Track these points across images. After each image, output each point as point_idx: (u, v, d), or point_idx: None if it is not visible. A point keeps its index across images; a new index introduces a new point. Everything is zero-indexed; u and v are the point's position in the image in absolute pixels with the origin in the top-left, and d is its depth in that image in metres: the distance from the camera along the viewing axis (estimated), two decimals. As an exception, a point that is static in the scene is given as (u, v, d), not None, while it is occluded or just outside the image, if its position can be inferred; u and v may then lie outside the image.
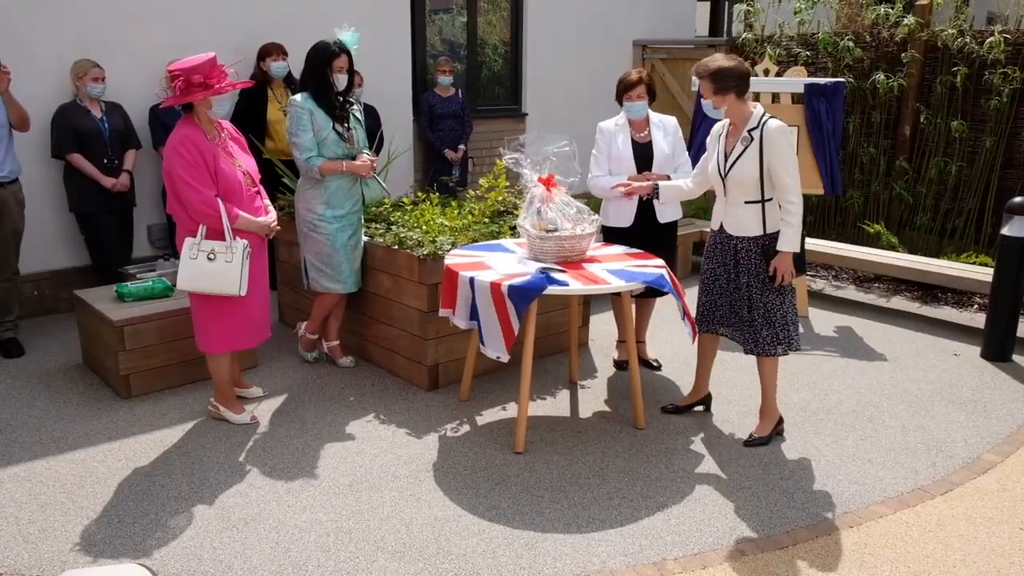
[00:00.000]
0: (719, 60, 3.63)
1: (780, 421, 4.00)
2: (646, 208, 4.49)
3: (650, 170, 4.44)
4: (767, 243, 3.70)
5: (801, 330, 5.59)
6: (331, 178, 4.34)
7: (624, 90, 4.45)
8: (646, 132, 4.50)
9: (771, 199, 3.66)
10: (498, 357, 3.70)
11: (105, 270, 5.40)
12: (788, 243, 3.63)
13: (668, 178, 4.38)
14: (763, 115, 3.63)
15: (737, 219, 3.74)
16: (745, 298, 3.78)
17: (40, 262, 5.59)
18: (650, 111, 4.54)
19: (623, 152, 4.45)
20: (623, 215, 4.50)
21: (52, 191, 5.52)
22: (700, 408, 4.26)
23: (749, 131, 3.63)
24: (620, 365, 4.86)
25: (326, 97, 4.29)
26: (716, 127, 3.85)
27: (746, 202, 3.69)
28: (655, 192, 4.07)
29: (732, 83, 3.58)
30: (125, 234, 5.65)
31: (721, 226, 3.83)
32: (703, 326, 4.01)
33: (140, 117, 5.67)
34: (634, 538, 3.15)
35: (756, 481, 3.58)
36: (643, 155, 4.45)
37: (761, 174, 3.62)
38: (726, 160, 3.72)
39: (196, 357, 4.43)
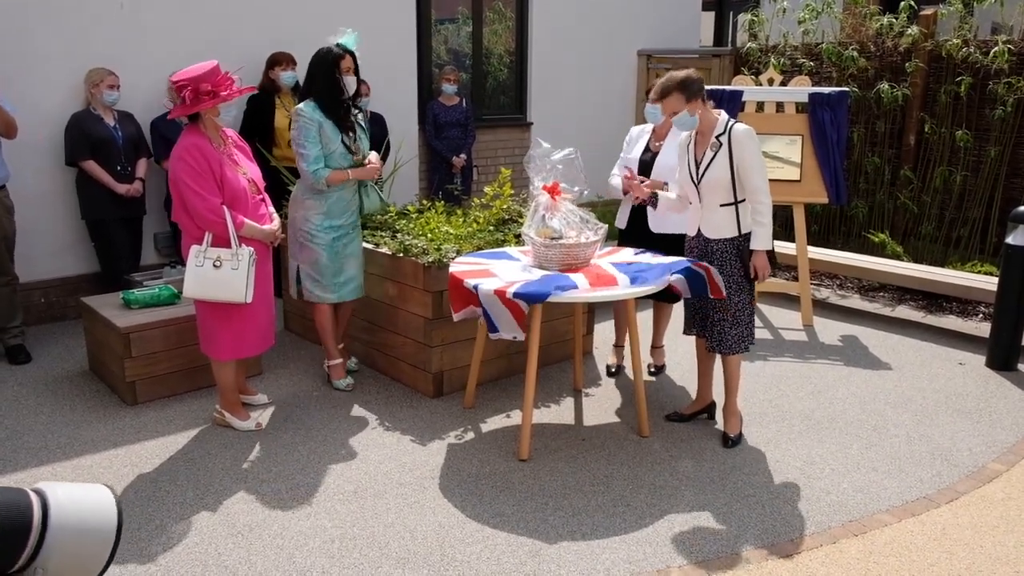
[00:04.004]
0: (677, 74, 3.75)
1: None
2: (638, 214, 4.54)
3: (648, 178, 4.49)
4: (743, 243, 3.82)
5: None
6: (334, 189, 4.30)
7: (646, 92, 4.55)
8: (663, 142, 4.53)
9: (744, 200, 3.79)
10: (514, 337, 3.72)
11: (115, 277, 5.43)
12: (761, 241, 3.77)
13: (665, 186, 4.40)
14: (728, 121, 3.78)
15: (713, 223, 3.85)
16: (717, 299, 3.87)
17: (49, 269, 5.62)
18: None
19: (633, 157, 4.57)
20: (621, 217, 4.65)
21: (63, 199, 5.56)
22: (704, 416, 4.26)
23: (717, 137, 3.76)
24: (616, 370, 4.88)
25: (335, 103, 4.22)
26: (682, 138, 3.98)
27: (721, 205, 3.81)
28: (652, 200, 4.13)
29: (696, 87, 3.71)
30: (134, 242, 5.69)
31: (699, 231, 3.93)
32: (687, 328, 4.13)
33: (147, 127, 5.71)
34: (638, 546, 3.15)
35: (760, 489, 3.58)
36: (647, 163, 4.50)
37: (732, 177, 3.74)
38: (698, 167, 3.83)
39: (202, 364, 4.45)
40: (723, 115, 3.80)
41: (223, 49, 5.90)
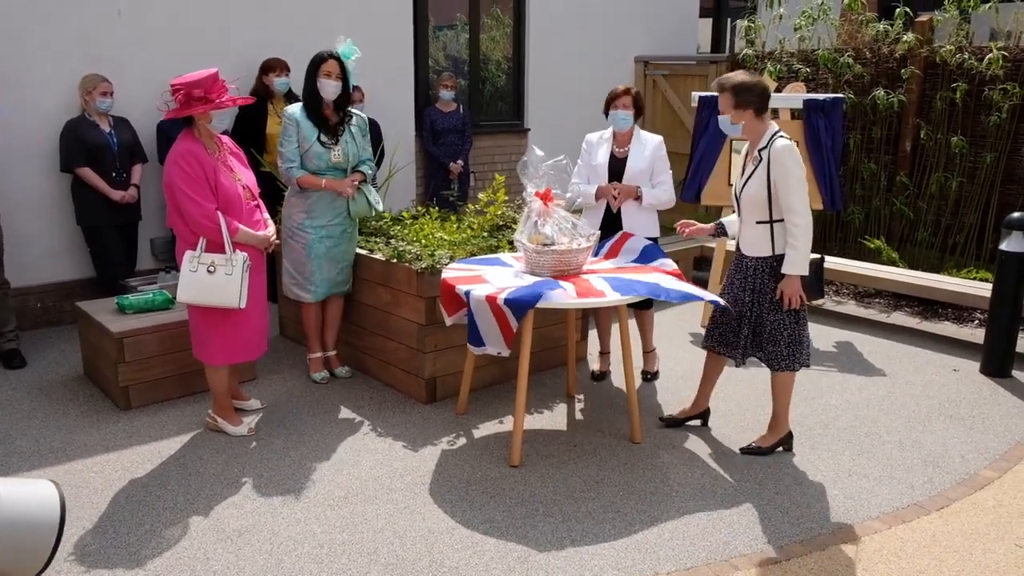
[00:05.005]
0: (741, 75, 3.66)
1: (789, 437, 3.99)
2: (613, 221, 4.57)
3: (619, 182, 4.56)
4: (776, 264, 3.70)
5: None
6: (313, 189, 4.39)
7: (611, 100, 4.53)
8: (627, 147, 4.57)
9: (781, 220, 3.66)
10: (499, 353, 3.73)
11: (110, 283, 5.44)
12: (793, 266, 3.61)
13: (638, 189, 4.51)
14: (774, 134, 3.64)
15: (749, 239, 3.77)
16: (754, 316, 3.80)
17: (44, 274, 5.64)
18: (639, 129, 4.61)
19: (598, 163, 4.59)
20: (590, 224, 4.54)
21: (58, 204, 5.57)
22: (697, 422, 4.26)
23: (759, 151, 3.67)
24: (599, 376, 4.89)
25: (313, 104, 4.34)
26: (745, 147, 3.87)
27: (757, 222, 3.72)
28: (720, 230, 4.06)
29: (752, 98, 3.60)
30: (130, 247, 5.70)
31: (738, 245, 3.87)
32: (706, 340, 4.04)
33: (149, 132, 5.71)
34: (627, 552, 3.15)
35: (752, 496, 3.58)
36: (616, 168, 4.57)
37: (769, 194, 3.63)
38: (741, 179, 3.76)
39: (195, 369, 4.45)
40: (771, 128, 3.66)
41: (221, 54, 5.92)
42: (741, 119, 3.64)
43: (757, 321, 3.80)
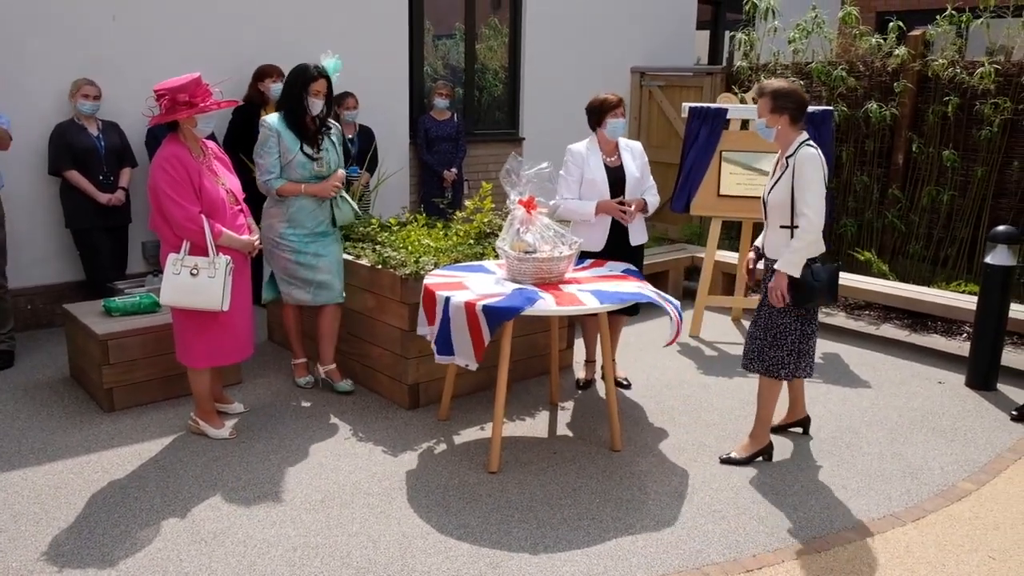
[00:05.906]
0: (780, 81, 3.75)
1: (769, 447, 4.00)
2: (618, 232, 4.56)
3: (622, 193, 4.53)
4: None
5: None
6: (293, 198, 4.40)
7: (609, 109, 4.48)
8: (616, 156, 4.59)
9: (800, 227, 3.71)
10: (466, 365, 3.74)
11: (99, 285, 5.47)
12: (786, 264, 3.67)
13: (644, 202, 4.54)
14: (802, 142, 3.69)
15: (771, 242, 3.84)
16: (764, 316, 3.85)
17: (35, 277, 5.67)
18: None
19: (596, 175, 4.51)
20: (594, 239, 4.53)
21: (48, 207, 5.61)
22: (798, 430, 4.28)
23: (787, 158, 3.74)
24: (585, 384, 4.90)
25: (299, 120, 4.34)
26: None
27: (780, 226, 3.78)
28: (759, 252, 4.01)
29: (789, 104, 3.65)
30: (120, 250, 5.73)
31: (762, 247, 3.93)
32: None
33: (143, 136, 5.75)
34: (599, 559, 3.15)
35: (728, 504, 3.58)
36: (615, 178, 4.54)
37: (792, 200, 3.69)
38: (768, 183, 3.84)
39: (179, 372, 4.46)
40: (801, 136, 3.71)
41: (218, 60, 5.97)
42: (776, 123, 3.70)
43: (767, 322, 3.84)
